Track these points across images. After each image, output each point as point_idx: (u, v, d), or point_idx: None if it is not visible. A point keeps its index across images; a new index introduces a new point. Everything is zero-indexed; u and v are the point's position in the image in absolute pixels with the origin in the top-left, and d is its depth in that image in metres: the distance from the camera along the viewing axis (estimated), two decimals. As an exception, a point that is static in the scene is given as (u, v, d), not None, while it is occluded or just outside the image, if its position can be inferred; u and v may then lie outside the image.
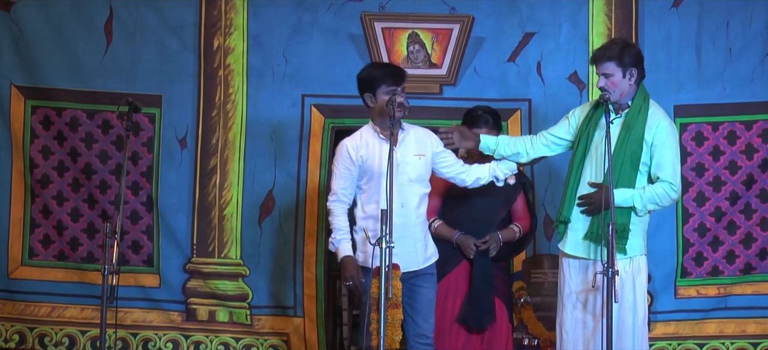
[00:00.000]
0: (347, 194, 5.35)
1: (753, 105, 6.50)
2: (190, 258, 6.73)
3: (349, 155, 5.32)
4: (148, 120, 6.73)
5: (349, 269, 5.25)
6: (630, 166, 5.18)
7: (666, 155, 5.20)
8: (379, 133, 5.34)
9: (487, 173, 5.52)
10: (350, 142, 5.37)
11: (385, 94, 5.25)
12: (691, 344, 6.51)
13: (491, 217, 5.84)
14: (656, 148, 5.20)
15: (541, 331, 6.21)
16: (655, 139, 5.20)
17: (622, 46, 5.26)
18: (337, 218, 5.33)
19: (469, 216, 5.75)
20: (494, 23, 6.68)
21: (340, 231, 5.31)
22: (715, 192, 6.53)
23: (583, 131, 5.32)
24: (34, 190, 6.74)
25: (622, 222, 5.17)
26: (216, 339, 6.69)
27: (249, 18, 6.73)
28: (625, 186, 5.17)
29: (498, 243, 5.78)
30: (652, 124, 5.22)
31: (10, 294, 6.73)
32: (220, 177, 6.73)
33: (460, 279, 5.77)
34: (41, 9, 6.73)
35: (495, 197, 5.84)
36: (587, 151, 5.28)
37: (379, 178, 5.28)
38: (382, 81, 5.29)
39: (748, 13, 6.51)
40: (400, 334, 5.13)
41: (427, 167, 5.39)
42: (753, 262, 6.49)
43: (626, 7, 6.62)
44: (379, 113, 5.31)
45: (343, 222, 5.32)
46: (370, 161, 5.31)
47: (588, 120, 5.34)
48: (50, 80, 6.72)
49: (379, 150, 5.32)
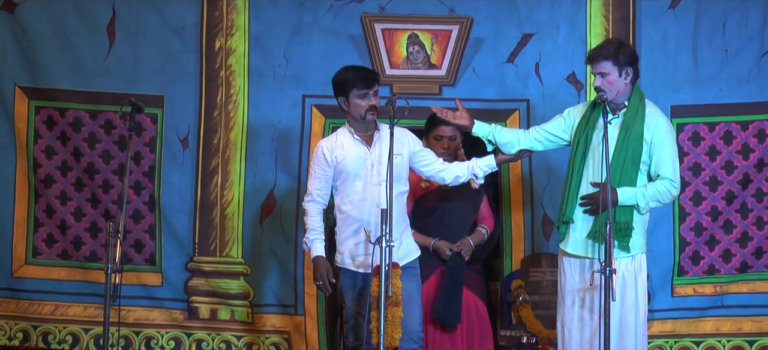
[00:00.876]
0: (322, 194, 5.43)
1: (749, 105, 6.51)
2: (192, 257, 6.74)
3: (323, 156, 5.38)
4: (150, 120, 6.74)
5: (319, 269, 5.34)
6: (631, 165, 5.22)
7: (665, 153, 5.25)
8: (353, 134, 5.39)
9: (465, 171, 5.53)
10: (325, 143, 5.43)
11: (358, 98, 5.31)
12: (688, 342, 6.52)
13: (463, 223, 6.01)
14: (655, 147, 5.24)
15: (539, 329, 6.24)
16: (654, 138, 5.25)
17: (617, 46, 5.30)
18: (311, 218, 5.40)
19: (442, 223, 5.83)
20: (493, 24, 6.70)
21: (313, 232, 5.38)
22: (711, 191, 6.54)
23: (582, 132, 5.34)
24: (38, 190, 6.75)
25: (625, 220, 5.21)
26: (217, 337, 6.71)
27: (250, 19, 6.74)
28: (628, 182, 5.21)
29: (470, 248, 5.98)
30: (650, 122, 5.26)
31: (14, 293, 6.75)
32: (222, 177, 6.75)
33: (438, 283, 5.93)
34: (44, 10, 6.74)
35: (465, 203, 6.00)
36: (587, 152, 5.31)
37: (354, 179, 5.33)
38: (353, 84, 5.34)
39: (744, 14, 6.52)
40: (400, 332, 5.17)
41: (403, 166, 5.42)
42: (749, 261, 6.51)
43: (624, 9, 6.64)
44: (352, 117, 5.37)
45: (317, 223, 5.40)
46: (344, 162, 5.35)
47: (585, 121, 5.37)
48: (53, 81, 6.73)
49: (354, 151, 5.36)
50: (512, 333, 6.30)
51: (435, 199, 5.90)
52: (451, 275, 5.90)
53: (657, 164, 5.26)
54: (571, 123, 5.46)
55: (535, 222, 6.65)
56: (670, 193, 5.26)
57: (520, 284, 6.42)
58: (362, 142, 5.38)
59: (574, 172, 5.32)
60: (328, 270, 5.36)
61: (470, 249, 5.99)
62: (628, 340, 5.21)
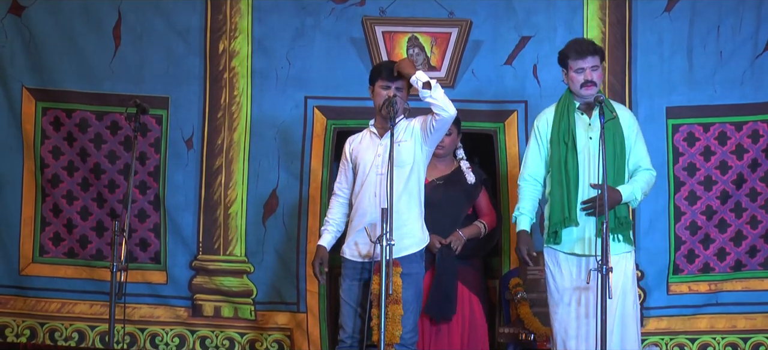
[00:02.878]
0: (342, 188, 5.49)
1: (743, 107, 6.52)
2: (196, 255, 6.78)
3: (344, 151, 5.49)
4: (155, 121, 6.77)
5: (315, 257, 5.45)
6: (621, 159, 5.28)
7: (642, 146, 5.37)
8: (371, 127, 5.45)
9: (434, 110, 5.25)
10: (350, 138, 5.54)
11: (381, 89, 5.34)
12: (683, 339, 6.54)
13: (455, 216, 5.97)
14: (633, 141, 5.33)
15: (537, 326, 6.23)
16: (630, 132, 5.33)
17: (596, 44, 5.43)
18: (329, 211, 5.54)
19: (432, 217, 5.83)
20: (491, 27, 6.72)
21: (327, 223, 5.51)
22: (706, 191, 6.56)
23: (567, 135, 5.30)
24: (45, 189, 6.78)
25: (624, 214, 5.28)
26: (221, 334, 6.74)
27: (253, 22, 6.77)
28: (621, 180, 5.26)
29: (460, 240, 5.94)
30: (624, 118, 5.34)
31: (21, 291, 6.77)
32: (226, 177, 6.78)
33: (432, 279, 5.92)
34: (51, 13, 6.77)
35: (458, 197, 5.98)
36: (577, 153, 5.30)
37: (367, 172, 5.34)
38: (379, 74, 5.38)
39: (738, 17, 6.53)
40: (400, 329, 5.20)
41: (409, 151, 5.32)
42: (743, 259, 6.53)
43: (620, 12, 6.67)
44: (376, 108, 5.40)
45: (333, 215, 5.50)
46: (360, 156, 5.40)
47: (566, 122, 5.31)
48: (60, 82, 6.77)
49: (369, 145, 5.40)
50: (510, 330, 6.32)
51: (428, 193, 5.90)
52: (441, 268, 5.88)
53: (637, 158, 5.34)
54: (546, 139, 5.42)
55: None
56: (653, 180, 5.38)
57: (518, 282, 6.42)
58: (377, 136, 5.41)
59: (569, 175, 5.28)
60: (322, 258, 5.43)
61: (461, 241, 5.96)
62: (631, 331, 5.24)
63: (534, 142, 5.46)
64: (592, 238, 5.24)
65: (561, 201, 5.31)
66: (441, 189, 5.96)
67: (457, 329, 5.98)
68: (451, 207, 5.98)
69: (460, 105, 6.26)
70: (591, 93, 5.27)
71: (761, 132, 6.54)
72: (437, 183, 5.99)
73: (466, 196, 6.07)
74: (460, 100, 6.52)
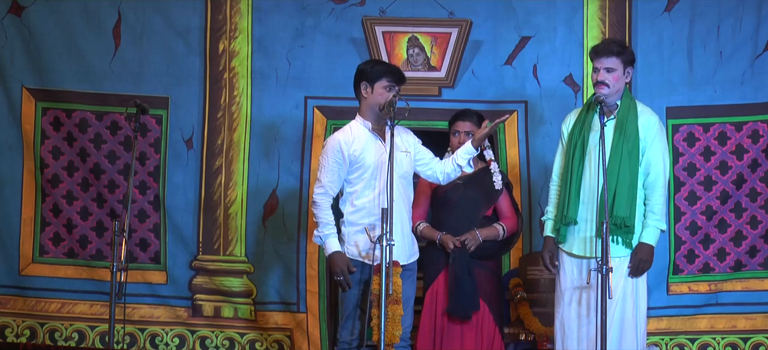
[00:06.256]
0: (334, 188, 5.36)
1: (743, 107, 6.54)
2: (196, 255, 6.78)
3: (340, 150, 5.30)
4: (155, 121, 6.78)
5: (339, 264, 5.25)
6: (627, 161, 5.26)
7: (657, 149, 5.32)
8: (370, 128, 5.37)
9: (451, 165, 5.47)
10: (342, 136, 5.35)
11: (384, 89, 5.29)
12: (683, 339, 6.56)
13: (472, 217, 5.88)
14: (649, 144, 5.31)
15: (536, 326, 6.27)
16: (647, 135, 5.31)
17: (622, 44, 5.38)
18: (323, 212, 5.31)
19: (451, 216, 5.77)
20: (491, 27, 6.74)
21: (327, 226, 5.30)
22: (706, 191, 6.57)
23: (578, 136, 5.36)
24: (45, 190, 6.78)
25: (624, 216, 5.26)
26: (221, 335, 6.75)
27: (253, 22, 6.78)
28: (627, 181, 5.23)
29: (476, 239, 5.81)
30: (644, 121, 5.32)
31: (21, 291, 6.78)
32: (226, 177, 6.79)
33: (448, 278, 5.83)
34: (51, 13, 6.78)
35: (476, 197, 5.91)
36: (585, 154, 5.33)
37: (374, 172, 5.30)
38: (383, 75, 5.31)
39: (737, 17, 6.55)
40: (400, 329, 5.20)
41: (411, 163, 5.43)
42: (743, 259, 6.54)
43: (620, 12, 6.68)
44: (370, 107, 5.33)
45: (330, 217, 5.31)
46: (362, 155, 5.31)
47: (581, 124, 5.39)
48: (60, 83, 6.78)
49: (372, 144, 5.35)
50: (510, 330, 6.33)
51: (446, 191, 5.87)
52: (456, 267, 5.78)
53: (648, 163, 5.31)
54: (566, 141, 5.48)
55: (532, 221, 6.68)
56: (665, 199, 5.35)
57: (518, 282, 6.45)
58: (378, 136, 5.38)
59: (573, 174, 5.33)
60: (347, 264, 5.27)
61: (476, 241, 5.81)
62: (628, 335, 5.25)
63: (560, 144, 5.55)
64: (592, 239, 5.27)
65: (563, 199, 5.38)
66: (460, 189, 5.89)
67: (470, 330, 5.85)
68: (468, 207, 5.91)
69: (460, 105, 6.36)
70: (601, 93, 5.27)
71: (761, 132, 6.55)
72: (457, 182, 5.90)
73: (485, 197, 5.96)
74: (460, 100, 6.61)
